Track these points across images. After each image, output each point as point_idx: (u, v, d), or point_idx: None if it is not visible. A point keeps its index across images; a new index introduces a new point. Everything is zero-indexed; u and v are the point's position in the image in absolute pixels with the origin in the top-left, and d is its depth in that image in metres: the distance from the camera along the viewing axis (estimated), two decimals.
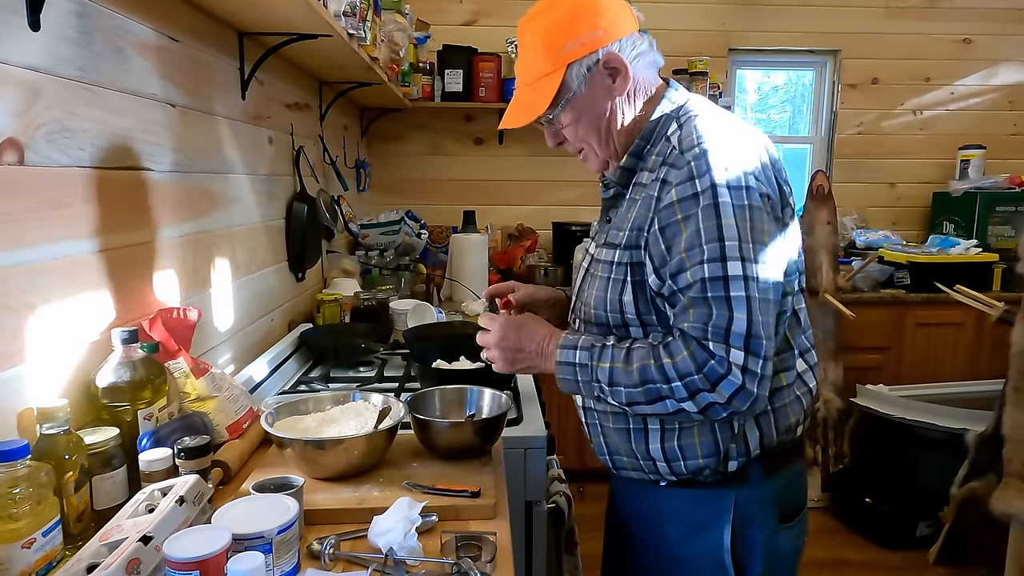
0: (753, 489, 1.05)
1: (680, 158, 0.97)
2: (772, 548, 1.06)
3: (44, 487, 0.80)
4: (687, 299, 0.94)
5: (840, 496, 2.96)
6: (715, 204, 0.92)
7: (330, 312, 2.18)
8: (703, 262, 0.92)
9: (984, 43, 3.69)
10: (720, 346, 0.91)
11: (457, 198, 3.60)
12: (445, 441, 1.17)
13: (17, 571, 0.77)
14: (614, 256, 1.03)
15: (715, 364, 0.91)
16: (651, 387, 0.95)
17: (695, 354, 0.92)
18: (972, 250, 3.29)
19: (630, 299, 1.01)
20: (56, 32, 0.97)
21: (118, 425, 1.01)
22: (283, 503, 0.87)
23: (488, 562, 0.88)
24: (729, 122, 1.02)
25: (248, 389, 1.45)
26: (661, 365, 0.94)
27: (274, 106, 1.98)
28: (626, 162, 1.07)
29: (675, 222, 0.95)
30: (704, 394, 0.92)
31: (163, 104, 1.30)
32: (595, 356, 1.00)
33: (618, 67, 1.02)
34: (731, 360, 0.90)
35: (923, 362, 3.24)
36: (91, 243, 1.07)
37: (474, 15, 3.53)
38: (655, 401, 0.96)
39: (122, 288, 1.15)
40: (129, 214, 1.18)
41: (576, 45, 1.00)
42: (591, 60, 1.01)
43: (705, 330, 0.92)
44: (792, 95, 4.11)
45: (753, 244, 0.92)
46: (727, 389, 0.91)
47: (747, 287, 0.91)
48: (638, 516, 1.15)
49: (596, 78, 1.02)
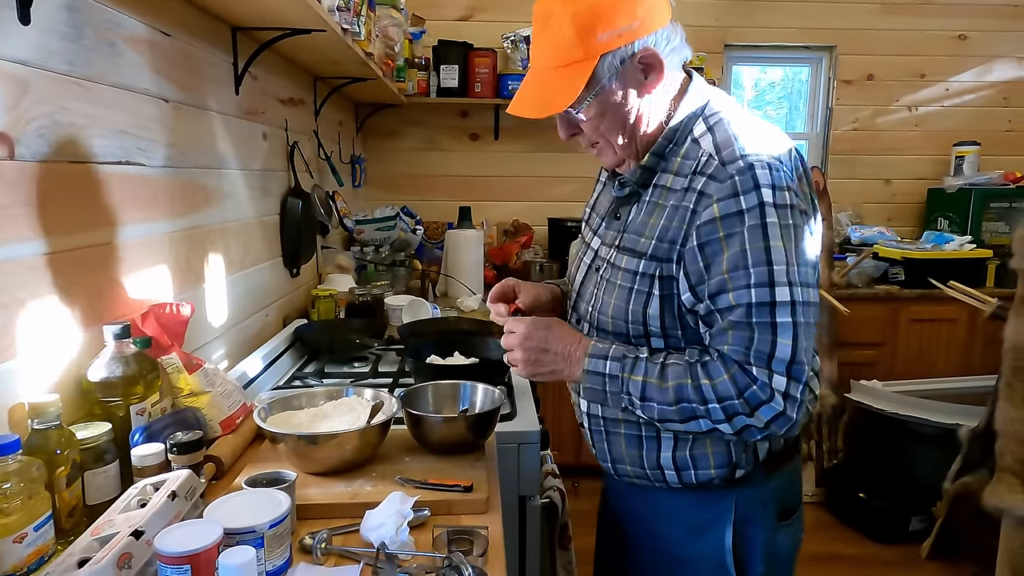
0: (754, 489, 1.04)
1: (722, 170, 0.92)
2: (772, 547, 1.06)
3: (35, 482, 0.80)
4: (727, 321, 0.91)
5: (834, 491, 2.98)
6: (763, 224, 0.89)
7: (325, 308, 2.18)
8: (750, 286, 0.89)
9: (979, 39, 3.70)
10: (763, 371, 0.89)
11: (452, 194, 3.60)
12: (438, 436, 1.17)
13: (8, 565, 0.77)
14: (638, 266, 0.99)
15: (757, 389, 0.89)
16: (686, 406, 0.93)
17: (736, 378, 0.90)
18: (966, 246, 3.30)
19: (656, 312, 0.98)
20: (46, 26, 0.97)
21: (110, 420, 1.01)
22: (275, 498, 0.87)
23: (480, 556, 0.88)
24: (761, 127, 0.98)
25: (242, 385, 1.45)
26: (699, 386, 0.92)
27: (268, 101, 1.97)
28: (648, 161, 1.01)
29: (716, 240, 0.91)
30: (742, 417, 0.91)
31: (156, 99, 1.29)
32: (627, 368, 0.97)
33: (653, 63, 0.95)
34: (773, 386, 0.89)
35: (917, 358, 3.25)
36: (82, 238, 1.06)
37: (470, 10, 3.52)
38: (689, 420, 0.94)
39: (114, 283, 1.15)
40: (121, 209, 1.17)
41: (612, 35, 0.92)
42: (626, 52, 0.94)
43: (747, 354, 0.90)
44: (788, 91, 4.11)
45: (799, 267, 0.90)
46: (766, 414, 0.90)
47: (794, 312, 0.89)
48: (635, 515, 1.14)
49: (628, 72, 0.95)
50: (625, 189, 1.05)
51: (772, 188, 0.89)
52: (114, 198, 1.15)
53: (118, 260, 1.16)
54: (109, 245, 1.13)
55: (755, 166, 0.90)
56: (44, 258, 0.97)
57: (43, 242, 0.97)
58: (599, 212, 1.15)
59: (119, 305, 1.16)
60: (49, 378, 0.98)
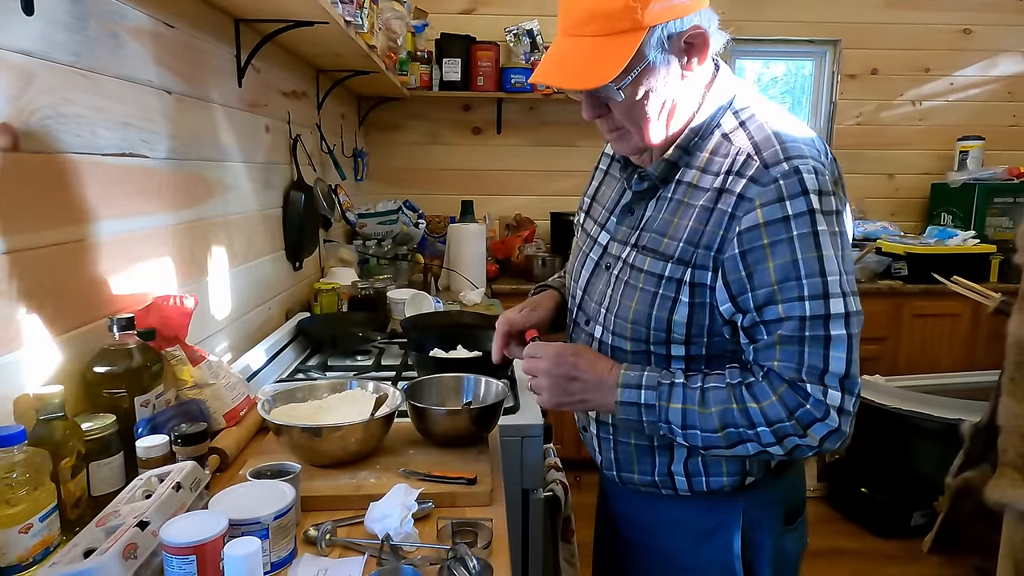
0: (762, 493, 1.01)
1: (764, 173, 0.85)
2: (779, 551, 1.03)
3: (41, 473, 0.81)
4: (777, 335, 0.85)
5: (836, 486, 2.98)
6: (814, 232, 0.83)
7: (327, 301, 2.18)
8: (803, 298, 0.83)
9: (984, 33, 3.68)
10: (817, 387, 0.84)
11: (455, 187, 3.60)
12: (442, 429, 1.17)
13: (14, 556, 0.77)
14: (663, 269, 0.92)
15: (810, 408, 0.84)
16: (732, 431, 0.87)
17: (785, 398, 0.85)
18: (970, 241, 3.29)
19: (682, 319, 0.91)
20: (50, 17, 0.97)
21: (115, 412, 1.00)
22: (280, 489, 0.87)
23: (484, 548, 0.88)
24: (797, 125, 0.92)
25: (245, 377, 1.45)
26: (745, 409, 0.87)
27: (271, 94, 1.97)
28: (671, 154, 0.94)
29: (760, 247, 0.85)
30: (793, 438, 0.86)
31: (159, 91, 1.29)
32: (663, 396, 0.91)
33: (699, 44, 0.88)
34: (828, 402, 0.84)
35: (920, 353, 3.25)
36: (85, 230, 1.06)
37: (472, 3, 3.51)
38: (736, 444, 0.89)
39: (118, 274, 1.15)
40: (125, 201, 1.17)
41: (665, 7, 0.83)
42: (675, 28, 0.85)
43: (799, 370, 0.84)
44: (791, 86, 4.10)
45: (849, 276, 0.86)
46: (820, 431, 0.85)
47: (848, 324, 0.84)
48: (636, 521, 1.11)
49: (673, 51, 0.87)
50: (644, 183, 0.97)
51: (819, 194, 0.84)
52: (118, 190, 1.15)
53: (122, 252, 1.16)
54: (114, 237, 1.13)
55: (801, 169, 0.84)
56: (49, 249, 0.97)
57: (48, 233, 0.97)
58: (604, 204, 1.08)
59: (123, 297, 1.16)
60: (54, 369, 0.98)
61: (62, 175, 1.00)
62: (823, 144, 0.92)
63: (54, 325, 0.98)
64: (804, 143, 0.88)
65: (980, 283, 2.67)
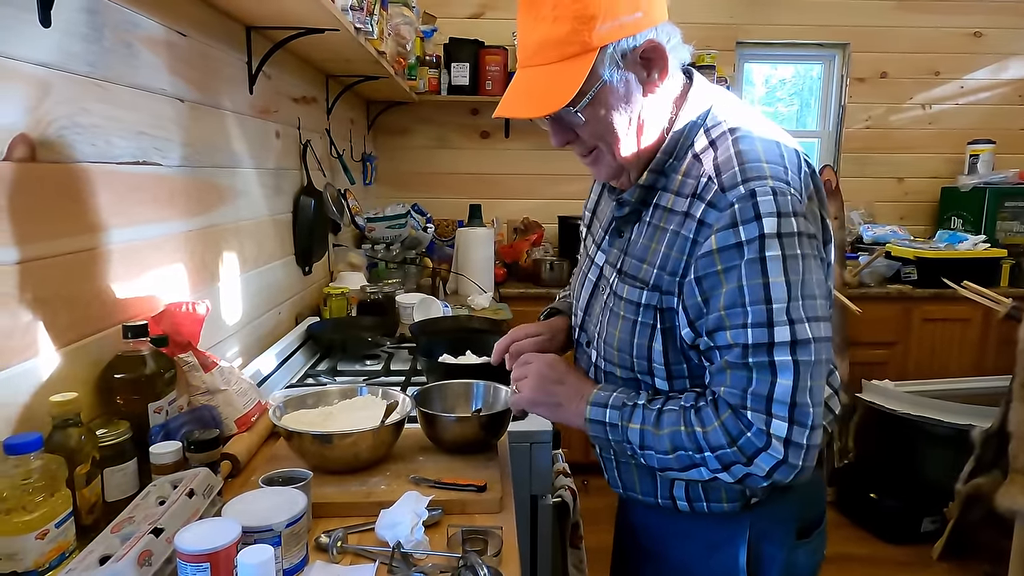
0: (771, 508, 0.98)
1: (721, 197, 0.84)
2: (790, 565, 1.00)
3: (57, 479, 0.82)
4: (724, 361, 0.85)
5: (845, 491, 2.97)
6: (761, 259, 0.81)
7: (337, 306, 2.19)
8: (746, 325, 0.82)
9: (995, 37, 3.66)
10: (759, 416, 0.82)
11: (463, 192, 3.61)
12: (451, 435, 1.18)
13: (31, 561, 0.78)
14: (640, 297, 0.93)
15: (752, 436, 0.83)
16: (683, 454, 0.87)
17: (727, 424, 0.84)
18: (980, 246, 3.28)
19: (660, 347, 0.92)
20: (67, 28, 0.98)
21: (129, 418, 1.02)
22: (292, 496, 0.88)
23: (494, 556, 0.89)
24: (767, 138, 0.89)
25: (256, 382, 1.46)
26: (692, 432, 0.86)
27: (281, 100, 1.98)
28: (646, 179, 0.94)
29: (714, 273, 0.84)
30: (739, 467, 0.84)
31: (172, 99, 1.30)
32: (625, 416, 0.92)
33: (656, 58, 0.88)
34: (771, 432, 0.82)
35: (929, 358, 3.23)
36: (99, 238, 1.07)
37: (481, 8, 3.52)
38: (689, 468, 0.88)
39: (132, 282, 1.16)
40: (138, 209, 1.19)
41: (614, 25, 0.84)
42: (627, 45, 0.86)
43: (743, 397, 0.83)
44: (800, 88, 4.09)
45: (803, 301, 0.82)
46: (766, 463, 0.83)
47: (794, 351, 0.81)
48: (651, 530, 1.10)
49: (630, 68, 0.87)
50: (624, 209, 0.97)
51: (776, 216, 0.82)
52: (132, 198, 1.16)
53: (136, 259, 1.17)
54: (127, 245, 1.14)
55: (757, 192, 0.82)
56: (63, 258, 0.98)
57: (64, 242, 0.98)
58: (600, 220, 1.08)
59: (137, 304, 1.17)
60: (70, 376, 1.00)
61: (78, 184, 1.01)
62: (797, 159, 0.89)
63: (69, 332, 1.00)
64: (768, 162, 0.85)
65: (990, 288, 2.66)
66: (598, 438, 0.96)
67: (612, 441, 0.94)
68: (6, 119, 0.87)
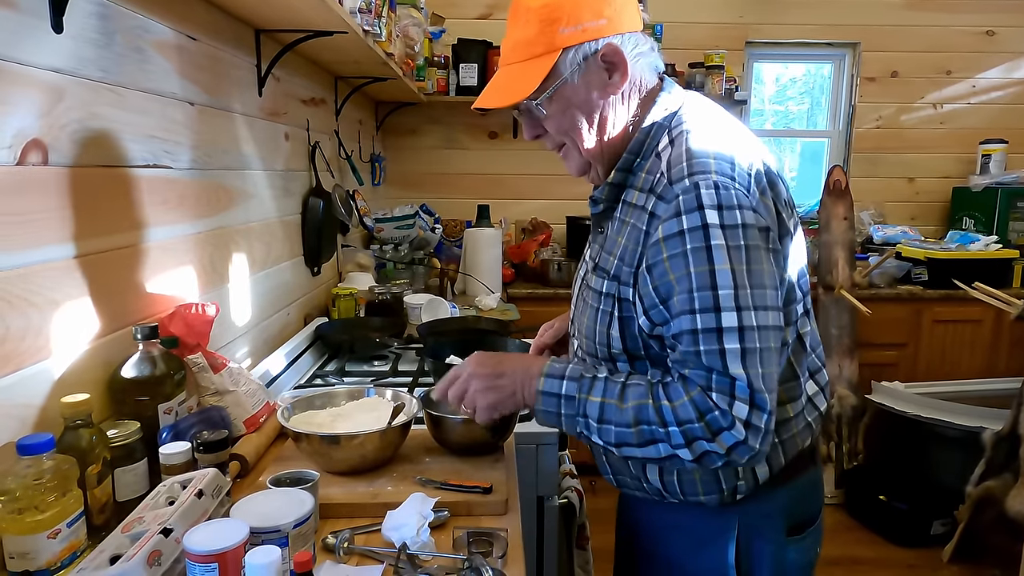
0: (759, 503, 1.00)
1: (669, 190, 0.89)
2: (780, 562, 1.02)
3: (68, 479, 0.83)
4: (680, 349, 0.88)
5: (854, 493, 2.95)
6: (707, 247, 0.84)
7: (345, 306, 2.20)
8: (695, 311, 0.85)
9: (1007, 35, 3.63)
10: (724, 398, 0.85)
11: (471, 192, 3.61)
12: (458, 437, 1.18)
13: (43, 561, 0.80)
14: (602, 286, 0.97)
15: (718, 415, 0.85)
16: (645, 428, 0.88)
17: (697, 400, 0.86)
18: (992, 246, 3.25)
19: (617, 334, 0.95)
20: (78, 34, 0.99)
21: (139, 419, 1.03)
22: (299, 497, 0.88)
23: (499, 558, 0.89)
24: (724, 140, 0.92)
25: (264, 383, 1.48)
26: (660, 407, 0.87)
27: (290, 102, 2.00)
28: (614, 177, 0.99)
29: (661, 261, 0.88)
30: (702, 443, 0.86)
31: (182, 103, 1.32)
32: (584, 388, 0.92)
33: (617, 62, 0.94)
34: (734, 414, 0.84)
35: (940, 359, 3.21)
36: (111, 241, 1.09)
37: (489, 8, 3.53)
38: (647, 444, 0.89)
39: (142, 284, 1.17)
40: (149, 212, 1.20)
41: (576, 30, 0.92)
42: (588, 49, 0.93)
43: (709, 379, 0.85)
44: (810, 87, 4.07)
45: (752, 290, 0.84)
46: (727, 441, 0.85)
47: (743, 339, 0.84)
48: (645, 527, 1.12)
49: (591, 70, 0.94)
50: (599, 206, 1.02)
51: (718, 208, 0.85)
52: (142, 201, 1.17)
53: (146, 261, 1.18)
54: (137, 247, 1.16)
55: (700, 185, 0.86)
56: (76, 260, 1.00)
57: (75, 245, 0.99)
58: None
59: (147, 305, 1.18)
60: (81, 377, 1.01)
61: (89, 188, 1.03)
62: (750, 157, 0.91)
63: (80, 334, 1.01)
64: (715, 158, 0.89)
65: (1002, 289, 2.63)
66: (548, 412, 0.95)
67: (563, 416, 0.94)
68: (19, 124, 0.88)
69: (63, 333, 0.97)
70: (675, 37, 3.43)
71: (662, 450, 0.88)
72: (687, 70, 3.40)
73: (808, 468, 1.06)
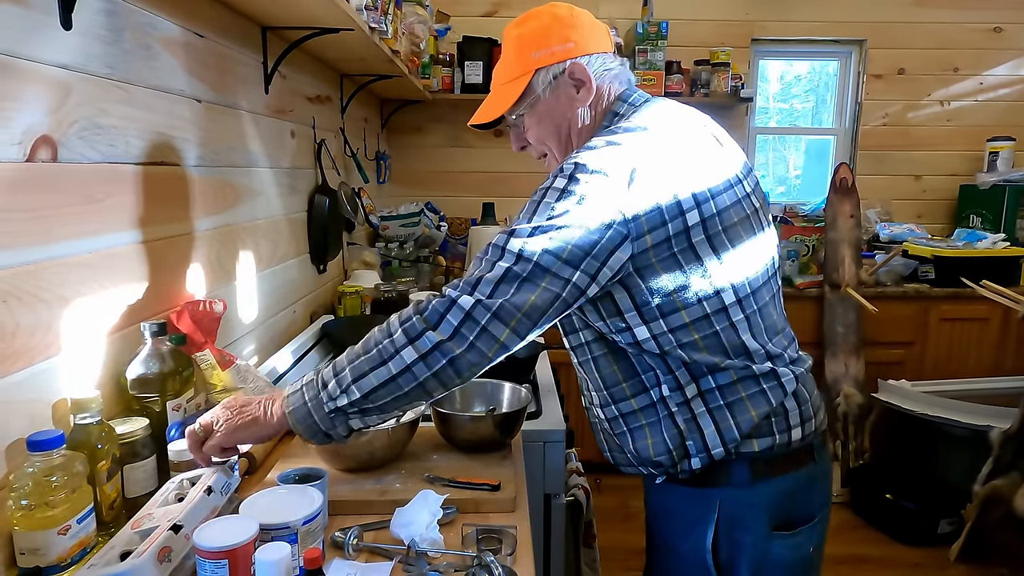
0: (739, 491, 1.02)
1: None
2: (762, 554, 1.03)
3: (78, 476, 0.83)
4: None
5: (860, 492, 2.94)
6: (544, 189, 0.94)
7: (351, 304, 2.20)
8: (504, 230, 0.93)
9: (1015, 32, 3.61)
10: (453, 289, 0.89)
11: (476, 190, 3.61)
12: (465, 434, 1.18)
13: (54, 556, 0.80)
14: None
15: (436, 304, 0.89)
16: (373, 352, 0.90)
17: (419, 303, 0.91)
18: (999, 244, 3.23)
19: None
20: (87, 31, 0.99)
21: (148, 416, 1.03)
22: (308, 494, 0.88)
23: (508, 555, 0.89)
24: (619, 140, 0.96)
25: (272, 380, 1.48)
26: (387, 324, 0.92)
27: (296, 99, 1.99)
28: None
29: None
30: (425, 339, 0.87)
31: (189, 100, 1.32)
32: (321, 369, 0.95)
33: (583, 78, 1.06)
34: (447, 293, 0.89)
35: (947, 358, 3.19)
36: (120, 238, 1.09)
37: (494, 6, 3.52)
38: (379, 366, 0.89)
39: (150, 281, 1.17)
40: (156, 209, 1.20)
41: (545, 53, 1.05)
42: (558, 69, 1.06)
43: (456, 283, 0.90)
44: (816, 84, 4.05)
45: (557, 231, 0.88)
46: (432, 317, 0.88)
47: (518, 260, 0.88)
48: (650, 509, 1.17)
49: (561, 87, 1.07)
50: None
51: (567, 177, 0.92)
52: (150, 197, 1.17)
53: (153, 259, 1.18)
54: (145, 244, 1.16)
55: (566, 163, 0.95)
56: (84, 257, 1.00)
57: (83, 242, 0.99)
58: None
59: (155, 303, 1.18)
60: (90, 374, 1.01)
61: (97, 185, 1.03)
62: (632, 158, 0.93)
63: (89, 331, 1.01)
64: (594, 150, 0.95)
65: (1010, 287, 2.62)
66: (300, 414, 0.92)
67: (311, 406, 0.91)
68: (29, 120, 0.88)
69: (73, 329, 0.97)
70: (681, 34, 3.42)
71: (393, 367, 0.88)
72: (692, 67, 3.38)
73: (804, 464, 1.05)
